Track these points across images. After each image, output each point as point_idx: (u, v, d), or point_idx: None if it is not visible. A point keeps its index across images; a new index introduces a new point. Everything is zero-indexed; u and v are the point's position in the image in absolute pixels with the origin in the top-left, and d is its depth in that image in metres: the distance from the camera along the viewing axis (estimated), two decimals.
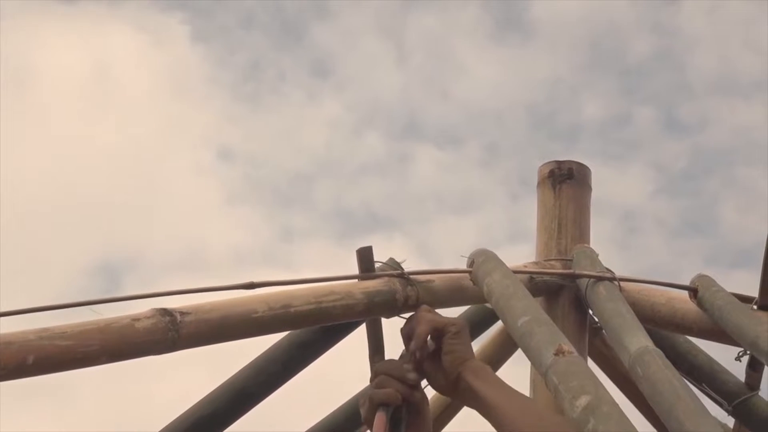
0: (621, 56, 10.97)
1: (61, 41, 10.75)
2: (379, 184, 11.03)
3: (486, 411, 2.09)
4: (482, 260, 2.66)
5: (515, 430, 2.00)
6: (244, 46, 11.23)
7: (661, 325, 2.95)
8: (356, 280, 2.62)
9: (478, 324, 3.16)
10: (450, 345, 2.18)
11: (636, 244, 9.72)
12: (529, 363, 2.41)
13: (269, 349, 2.73)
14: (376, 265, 2.66)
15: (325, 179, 11.03)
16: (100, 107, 10.85)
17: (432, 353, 2.19)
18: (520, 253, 3.05)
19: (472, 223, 10.12)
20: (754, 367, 3.13)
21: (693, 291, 2.89)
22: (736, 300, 2.79)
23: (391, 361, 2.23)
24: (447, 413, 3.29)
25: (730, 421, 3.31)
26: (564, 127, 10.70)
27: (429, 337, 2.19)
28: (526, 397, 2.14)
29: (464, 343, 2.19)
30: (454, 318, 2.29)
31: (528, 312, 2.36)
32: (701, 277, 2.89)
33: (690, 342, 3.20)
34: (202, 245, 10.41)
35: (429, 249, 9.49)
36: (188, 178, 10.98)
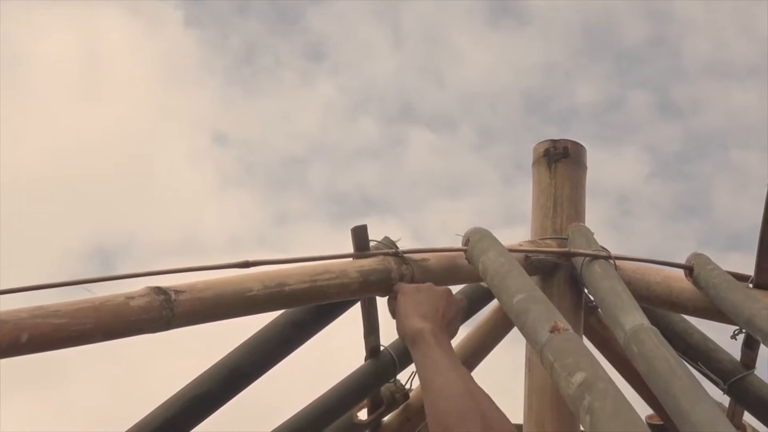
0: (615, 40, 10.96)
1: (52, 26, 10.73)
2: (374, 168, 11.02)
3: (420, 381, 2.12)
4: (477, 239, 2.66)
5: (432, 402, 1.99)
6: (238, 30, 11.20)
7: (656, 304, 2.94)
8: (351, 259, 2.62)
9: (473, 302, 3.16)
10: (394, 308, 2.35)
11: (630, 227, 9.73)
12: (525, 341, 2.41)
13: (264, 327, 2.72)
14: (371, 243, 2.66)
15: (319, 162, 11.02)
16: (93, 92, 10.84)
17: None
18: (515, 235, 3.04)
19: (466, 206, 10.11)
20: (749, 346, 3.13)
21: (688, 269, 2.88)
22: (732, 278, 2.79)
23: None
24: None
25: (726, 400, 3.32)
26: (558, 111, 10.70)
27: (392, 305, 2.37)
28: (455, 372, 2.06)
29: (405, 305, 2.30)
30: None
31: (523, 290, 2.35)
32: (697, 256, 2.89)
33: (685, 321, 3.20)
34: (196, 229, 10.41)
35: (423, 232, 9.50)
36: (182, 163, 10.98)
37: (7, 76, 9.72)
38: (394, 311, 2.38)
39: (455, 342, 2.47)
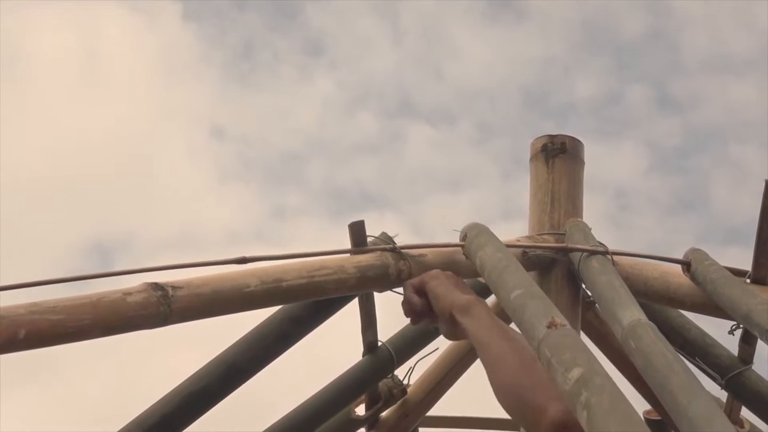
0: (614, 34, 10.96)
1: (49, 22, 10.72)
2: (372, 163, 11.02)
3: (476, 349, 2.24)
4: (475, 234, 2.66)
5: (497, 370, 2.15)
6: (237, 25, 11.20)
7: (654, 299, 2.94)
8: (348, 255, 2.62)
9: None
10: (432, 291, 2.36)
11: (629, 221, 9.72)
12: None
13: (261, 323, 2.73)
14: (369, 239, 2.66)
15: (317, 157, 11.02)
16: (90, 87, 10.83)
17: (429, 309, 2.37)
18: (513, 230, 3.04)
19: (464, 201, 10.12)
20: (747, 341, 3.13)
21: (686, 265, 2.88)
22: (730, 273, 2.78)
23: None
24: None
25: (723, 395, 3.32)
26: (557, 106, 10.70)
27: (416, 297, 2.40)
28: (512, 336, 2.23)
29: (443, 284, 2.36)
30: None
31: (521, 285, 2.35)
32: (694, 251, 2.89)
33: (683, 316, 3.20)
34: (194, 224, 10.40)
35: (422, 227, 9.50)
36: (180, 158, 10.97)
37: (5, 73, 9.72)
38: (413, 301, 2.42)
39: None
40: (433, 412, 3.50)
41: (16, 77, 10.22)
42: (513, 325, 2.28)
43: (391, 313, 2.80)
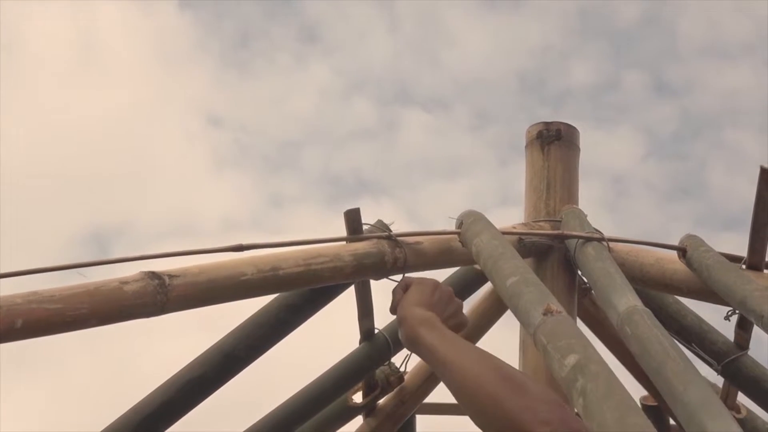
0: (610, 21, 10.95)
1: (47, 9, 10.70)
2: (369, 150, 11.02)
3: (441, 367, 1.96)
4: (471, 221, 2.66)
5: (472, 393, 1.87)
6: (233, 12, 11.18)
7: (650, 286, 2.95)
8: (344, 243, 2.62)
9: (467, 285, 3.17)
10: (407, 295, 2.12)
11: (626, 207, 9.74)
12: (518, 324, 2.42)
13: (258, 312, 2.73)
14: (364, 227, 2.66)
15: (314, 145, 11.01)
16: (87, 75, 10.82)
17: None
18: (510, 217, 3.04)
19: (461, 188, 10.12)
20: (743, 327, 3.13)
21: (682, 251, 2.89)
22: (725, 260, 2.79)
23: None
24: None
25: (720, 381, 3.33)
26: (553, 93, 10.71)
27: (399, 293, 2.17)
28: (485, 353, 1.95)
29: (421, 292, 2.11)
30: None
31: (516, 272, 2.35)
32: (690, 237, 2.89)
33: (679, 302, 3.21)
34: (191, 212, 10.40)
35: (418, 214, 9.50)
36: (177, 146, 10.96)
37: (1, 58, 9.71)
38: (394, 297, 2.26)
39: None
40: (429, 399, 3.51)
41: (11, 64, 10.21)
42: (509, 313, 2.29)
43: (387, 300, 2.80)
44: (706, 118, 10.91)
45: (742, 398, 3.40)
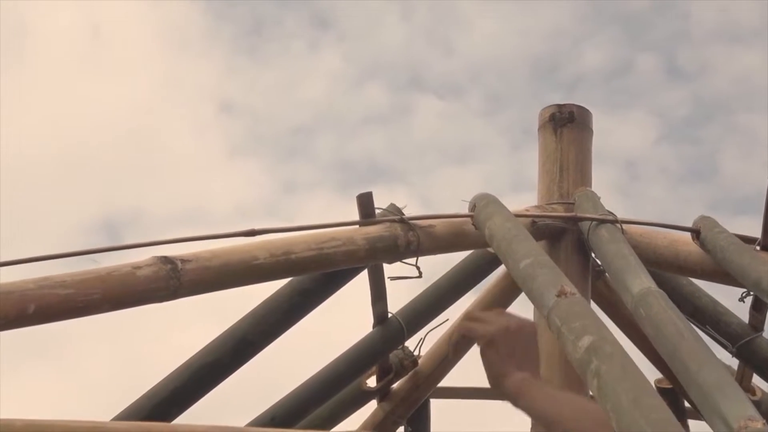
0: (622, 4, 10.91)
1: None
2: (382, 136, 11.01)
3: (544, 425, 2.17)
4: (483, 204, 2.65)
5: None
6: None
7: (663, 268, 2.94)
8: (357, 226, 2.61)
9: (480, 268, 3.17)
10: (484, 358, 2.24)
11: (639, 191, 9.70)
12: (532, 306, 2.41)
13: (271, 296, 2.73)
14: (377, 211, 2.65)
15: (327, 131, 11.00)
16: (99, 63, 10.81)
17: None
18: (523, 202, 3.04)
19: (474, 174, 10.10)
20: (757, 308, 3.12)
21: (695, 232, 2.88)
22: (739, 241, 2.78)
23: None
24: None
25: (735, 363, 3.32)
26: (566, 77, 10.66)
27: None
28: (577, 398, 2.24)
29: (499, 353, 2.23)
30: (495, 325, 2.28)
31: (530, 255, 2.34)
32: (704, 219, 2.88)
33: (693, 284, 3.20)
34: (203, 199, 10.40)
35: (432, 200, 9.49)
36: (189, 132, 10.97)
37: (11, 48, 9.71)
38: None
39: None
40: (444, 383, 3.50)
41: (21, 52, 10.21)
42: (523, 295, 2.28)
43: (400, 284, 2.80)
44: (719, 101, 10.87)
45: (757, 380, 3.39)
